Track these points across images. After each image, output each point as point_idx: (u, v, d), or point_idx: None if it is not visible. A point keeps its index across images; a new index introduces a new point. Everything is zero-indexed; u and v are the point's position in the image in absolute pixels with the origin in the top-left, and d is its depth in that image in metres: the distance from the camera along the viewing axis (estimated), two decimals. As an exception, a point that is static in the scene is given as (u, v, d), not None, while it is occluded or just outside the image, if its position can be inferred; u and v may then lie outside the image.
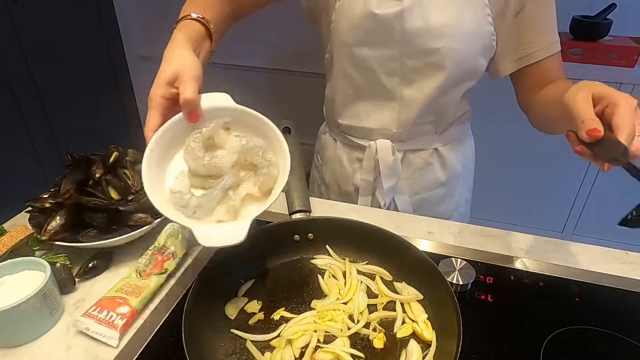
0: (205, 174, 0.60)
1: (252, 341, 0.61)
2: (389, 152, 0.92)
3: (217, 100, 0.61)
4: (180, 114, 0.60)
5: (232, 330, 0.62)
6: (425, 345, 0.60)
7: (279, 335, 0.61)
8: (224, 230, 0.56)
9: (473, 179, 1.07)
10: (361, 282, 0.70)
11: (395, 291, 0.68)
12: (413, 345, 0.60)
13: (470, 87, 0.88)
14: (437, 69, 0.82)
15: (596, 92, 0.56)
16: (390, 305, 0.66)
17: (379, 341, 0.60)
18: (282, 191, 0.60)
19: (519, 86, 0.88)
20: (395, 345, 0.61)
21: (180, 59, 0.62)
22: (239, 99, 0.87)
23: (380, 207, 0.97)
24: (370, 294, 0.68)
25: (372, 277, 0.71)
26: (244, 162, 0.61)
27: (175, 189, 0.59)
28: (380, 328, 0.63)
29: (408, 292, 0.67)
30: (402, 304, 0.66)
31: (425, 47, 0.80)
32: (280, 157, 0.61)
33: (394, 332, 0.62)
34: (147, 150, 0.58)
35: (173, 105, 0.61)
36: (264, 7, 0.92)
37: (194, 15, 0.73)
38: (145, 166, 0.57)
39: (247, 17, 0.89)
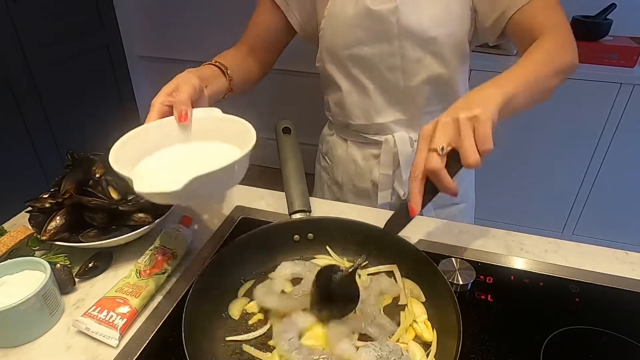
0: None
1: (249, 340, 0.61)
2: (407, 143, 0.93)
3: (210, 111, 0.69)
4: (173, 117, 0.66)
5: (227, 338, 0.61)
6: (425, 345, 0.60)
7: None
8: (163, 178, 0.55)
9: None
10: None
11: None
12: (414, 346, 0.60)
13: (465, 68, 0.91)
14: (435, 57, 0.84)
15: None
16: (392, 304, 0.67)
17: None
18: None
19: (516, 47, 0.82)
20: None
21: (181, 76, 0.70)
22: (240, 99, 0.87)
23: (400, 198, 0.99)
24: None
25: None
26: None
27: None
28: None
29: (411, 290, 0.68)
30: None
31: (422, 37, 0.82)
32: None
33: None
34: (138, 128, 0.63)
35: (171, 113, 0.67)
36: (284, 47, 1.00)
37: (210, 61, 0.85)
38: (127, 136, 0.62)
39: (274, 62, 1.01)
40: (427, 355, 0.58)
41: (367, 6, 0.82)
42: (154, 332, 0.63)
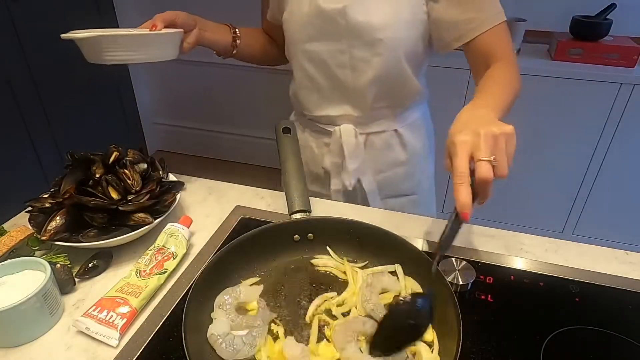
0: None
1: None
2: (352, 135, 0.97)
3: (175, 30, 0.88)
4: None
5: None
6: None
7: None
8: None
9: (435, 157, 1.12)
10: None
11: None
12: (421, 346, 0.59)
13: (418, 70, 0.94)
14: (382, 57, 0.87)
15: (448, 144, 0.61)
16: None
17: None
18: None
19: (470, 65, 0.89)
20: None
21: (177, 11, 0.89)
22: (240, 98, 0.88)
23: (346, 188, 1.02)
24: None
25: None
26: None
27: None
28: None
29: (413, 291, 0.67)
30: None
31: (369, 39, 0.86)
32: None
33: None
34: (118, 29, 0.85)
35: None
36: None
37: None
38: (104, 29, 0.82)
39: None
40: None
41: (318, 5, 0.86)
42: (154, 332, 0.63)
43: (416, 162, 1.05)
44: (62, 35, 0.79)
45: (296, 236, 0.75)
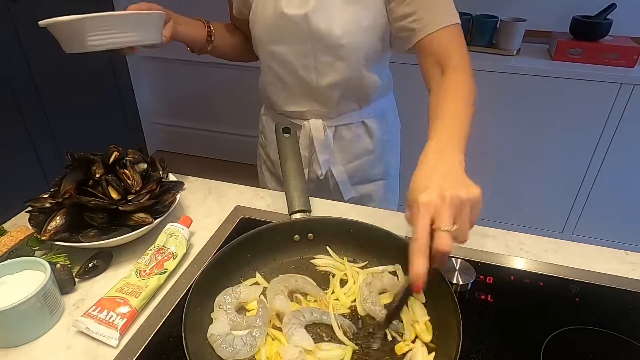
0: None
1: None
2: (320, 130, 1.01)
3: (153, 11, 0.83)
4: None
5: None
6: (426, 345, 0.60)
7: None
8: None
9: (400, 144, 1.17)
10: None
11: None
12: (418, 345, 0.59)
13: (381, 67, 0.98)
14: (345, 61, 0.91)
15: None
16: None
17: (401, 347, 0.60)
18: None
19: (422, 70, 0.85)
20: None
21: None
22: (240, 98, 0.88)
23: (317, 178, 1.06)
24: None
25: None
26: None
27: None
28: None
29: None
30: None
31: (331, 44, 0.89)
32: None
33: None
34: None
35: None
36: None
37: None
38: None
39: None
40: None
41: (282, 9, 0.88)
42: (154, 332, 0.63)
43: (383, 149, 1.08)
44: (40, 23, 0.70)
45: (296, 236, 0.75)
